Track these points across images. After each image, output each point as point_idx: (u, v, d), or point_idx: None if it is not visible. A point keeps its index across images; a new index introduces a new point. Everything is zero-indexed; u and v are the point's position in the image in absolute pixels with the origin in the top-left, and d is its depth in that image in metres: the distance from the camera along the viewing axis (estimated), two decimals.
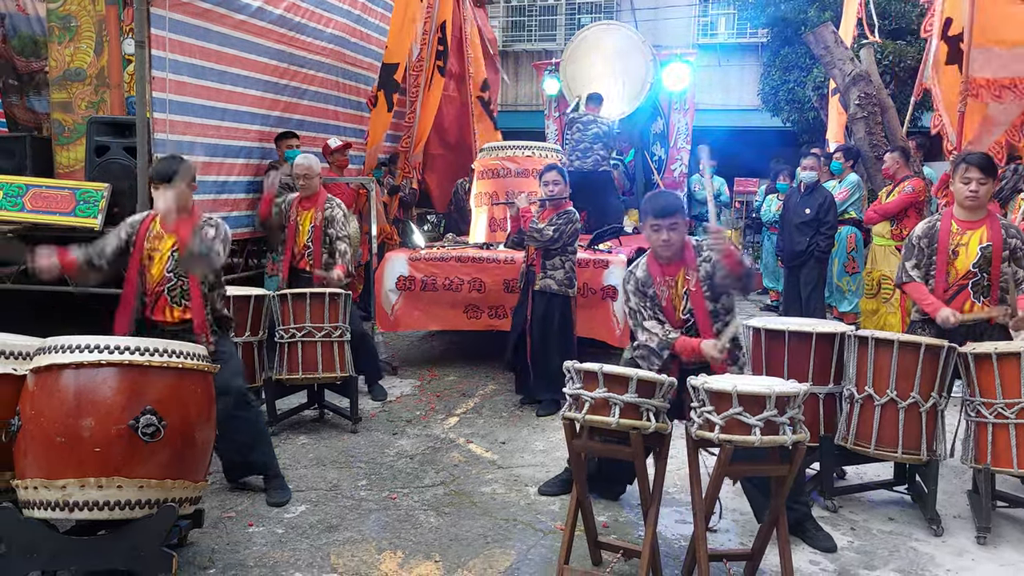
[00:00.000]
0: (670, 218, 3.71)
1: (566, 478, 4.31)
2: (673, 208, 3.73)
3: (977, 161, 4.30)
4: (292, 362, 5.34)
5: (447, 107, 10.71)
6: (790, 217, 7.90)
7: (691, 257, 3.76)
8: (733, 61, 16.96)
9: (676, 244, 3.74)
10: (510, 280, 6.56)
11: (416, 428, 5.57)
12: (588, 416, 3.14)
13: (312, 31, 7.86)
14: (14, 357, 3.49)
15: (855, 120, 8.66)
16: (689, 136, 11.15)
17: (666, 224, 3.70)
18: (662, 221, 3.71)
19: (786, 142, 15.07)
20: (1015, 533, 4.09)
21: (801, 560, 3.66)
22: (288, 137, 7.25)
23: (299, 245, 5.90)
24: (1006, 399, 3.94)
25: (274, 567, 3.56)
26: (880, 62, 9.94)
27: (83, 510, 3.11)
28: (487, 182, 7.81)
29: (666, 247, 3.74)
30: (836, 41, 8.95)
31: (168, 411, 3.23)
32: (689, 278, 3.74)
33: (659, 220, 3.71)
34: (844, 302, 8.42)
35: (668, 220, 3.70)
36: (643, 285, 3.82)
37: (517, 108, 17.56)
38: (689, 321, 3.75)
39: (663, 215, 3.71)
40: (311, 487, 4.48)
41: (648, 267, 3.84)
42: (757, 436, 2.99)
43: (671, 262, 3.79)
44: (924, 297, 4.39)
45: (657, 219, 3.72)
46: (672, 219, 3.71)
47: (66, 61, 6.07)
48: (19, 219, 5.67)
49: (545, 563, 3.63)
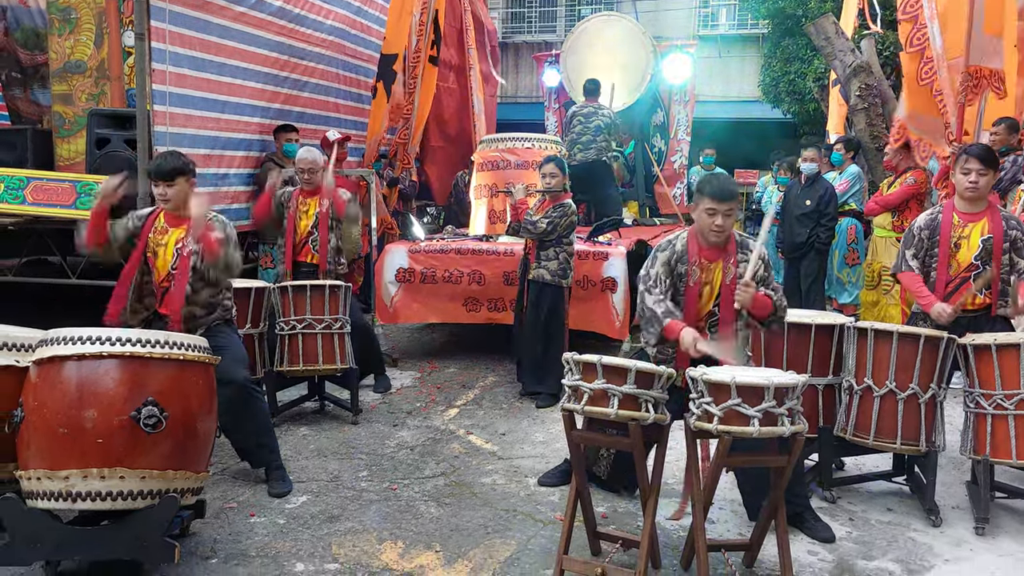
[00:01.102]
0: (728, 203, 3.54)
1: (566, 469, 4.33)
2: (733, 193, 3.58)
3: (977, 153, 4.30)
4: (293, 354, 5.36)
5: (447, 99, 10.68)
6: (791, 209, 7.91)
7: (733, 250, 3.64)
8: (734, 52, 16.95)
9: (727, 232, 3.60)
10: (510, 272, 6.57)
11: (416, 419, 5.59)
12: (587, 407, 3.15)
13: (312, 23, 7.86)
14: (16, 349, 3.51)
15: (856, 111, 8.66)
16: (689, 128, 11.15)
17: (723, 209, 3.53)
18: (719, 205, 3.52)
19: (787, 133, 15.06)
20: (1013, 524, 4.10)
21: (799, 550, 3.68)
22: (287, 130, 7.25)
23: (299, 236, 5.87)
24: (1005, 390, 3.96)
25: (276, 557, 3.58)
26: (881, 53, 9.91)
27: (86, 500, 3.13)
28: (487, 174, 7.82)
29: (718, 233, 3.56)
30: (837, 32, 8.94)
31: (170, 402, 3.25)
32: (727, 272, 3.61)
33: (716, 204, 3.52)
34: (844, 294, 8.42)
35: (726, 205, 3.53)
36: (677, 259, 3.65)
37: (517, 100, 17.55)
38: (714, 315, 3.65)
39: (723, 199, 3.52)
40: (312, 478, 4.50)
41: (688, 243, 3.67)
42: (755, 427, 3.00)
43: (714, 247, 3.64)
44: (919, 289, 4.36)
45: (715, 202, 3.52)
46: (730, 205, 3.55)
47: (66, 53, 6.07)
48: (20, 212, 5.69)
49: (545, 553, 3.65)
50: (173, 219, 4.12)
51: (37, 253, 6.27)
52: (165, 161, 4.09)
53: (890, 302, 7.39)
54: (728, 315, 3.61)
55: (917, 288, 4.38)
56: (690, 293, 3.64)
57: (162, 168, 4.05)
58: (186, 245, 4.06)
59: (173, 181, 4.03)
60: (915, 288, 4.39)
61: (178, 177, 4.04)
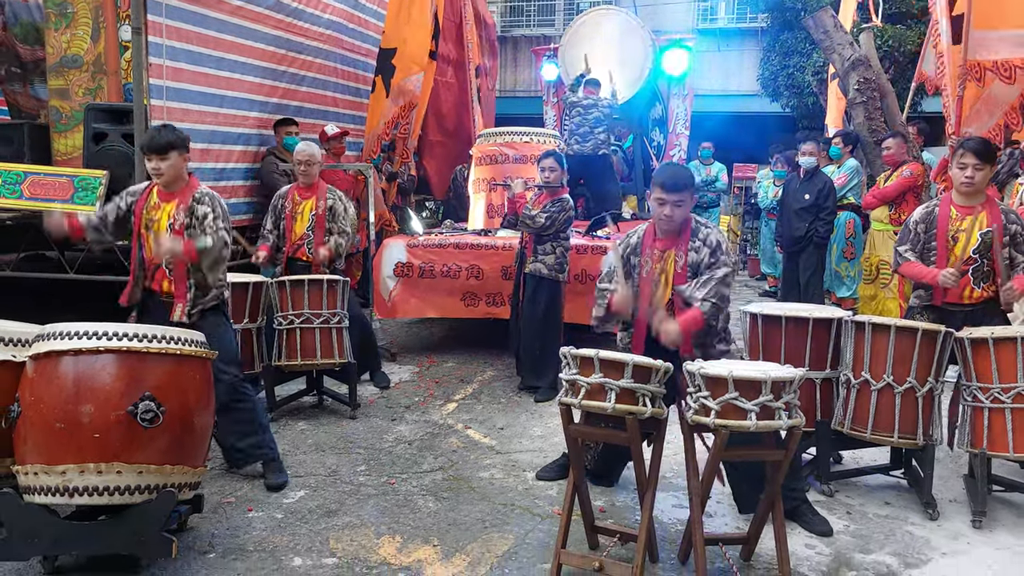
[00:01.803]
0: (677, 194, 3.63)
1: (563, 463, 4.33)
2: (682, 184, 3.64)
3: (973, 147, 4.30)
4: (291, 348, 5.35)
5: (445, 93, 10.67)
6: (789, 203, 7.90)
7: (687, 237, 3.71)
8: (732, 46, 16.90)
9: (676, 221, 3.68)
10: (508, 267, 6.56)
11: (415, 414, 5.59)
12: (584, 401, 3.15)
13: (309, 17, 7.84)
14: (13, 344, 3.50)
15: (854, 105, 8.64)
16: (688, 122, 11.13)
17: (671, 200, 3.63)
18: (667, 195, 3.63)
19: (785, 127, 15.04)
20: (1010, 517, 4.11)
21: (797, 544, 3.69)
22: (287, 124, 7.24)
23: (297, 234, 5.83)
24: (1002, 383, 3.95)
25: (273, 551, 3.58)
26: (880, 47, 9.92)
27: (83, 495, 3.13)
28: (485, 168, 7.81)
29: (666, 221, 3.69)
30: (835, 26, 8.91)
31: (167, 397, 3.25)
32: (678, 259, 3.70)
33: (665, 194, 3.64)
34: (843, 288, 8.43)
35: (675, 196, 3.63)
36: (630, 251, 3.80)
37: (515, 94, 17.50)
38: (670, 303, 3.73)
39: (670, 189, 3.63)
40: (310, 472, 4.50)
41: (644, 235, 3.80)
42: (753, 421, 3.00)
43: (667, 236, 3.75)
44: (921, 271, 4.37)
45: (663, 192, 3.64)
46: (679, 195, 3.63)
47: (63, 48, 6.06)
48: (18, 207, 5.68)
49: (542, 547, 3.65)
50: (166, 194, 4.07)
51: (34, 248, 6.26)
52: (159, 135, 4.02)
53: (888, 296, 7.39)
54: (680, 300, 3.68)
55: (919, 271, 4.38)
56: (644, 283, 3.73)
57: (155, 141, 3.99)
58: (176, 219, 4.02)
59: (166, 155, 3.97)
60: (917, 272, 4.39)
61: (171, 151, 3.97)
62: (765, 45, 15.56)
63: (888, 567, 3.56)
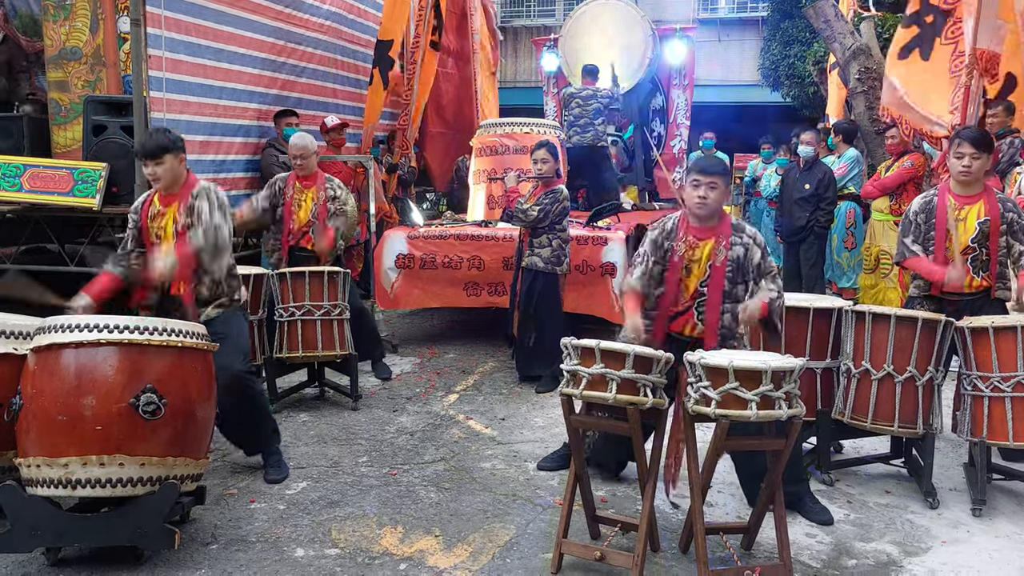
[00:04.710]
0: (711, 176, 3.61)
1: (565, 453, 4.34)
2: (717, 168, 3.67)
3: (970, 136, 4.30)
4: (292, 340, 5.36)
5: (446, 85, 10.63)
6: (789, 193, 7.89)
7: (727, 232, 3.68)
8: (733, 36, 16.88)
9: (711, 206, 3.63)
10: (508, 258, 6.55)
11: (416, 405, 5.60)
12: (585, 392, 3.16)
13: (309, 8, 7.82)
14: (14, 337, 3.51)
15: (855, 94, 8.62)
16: (688, 112, 11.12)
17: (705, 181, 3.60)
18: (702, 177, 3.61)
19: (786, 117, 15.01)
20: (1010, 505, 4.12)
21: (797, 533, 3.70)
22: (287, 115, 7.23)
23: (299, 224, 5.81)
24: (1002, 373, 3.96)
25: (276, 543, 3.60)
26: (880, 36, 9.86)
27: (85, 488, 3.15)
28: (486, 159, 7.79)
29: (701, 205, 3.63)
30: (836, 15, 8.89)
31: (168, 389, 3.26)
32: (718, 253, 3.66)
33: (699, 176, 3.62)
34: (843, 278, 8.41)
35: (708, 177, 3.61)
36: (665, 236, 3.74)
37: (516, 85, 17.48)
38: (702, 296, 3.68)
39: (705, 172, 3.63)
40: (312, 464, 4.51)
41: (679, 222, 3.76)
42: (753, 411, 3.00)
43: (703, 224, 3.69)
44: (927, 267, 4.37)
45: (698, 175, 3.63)
46: (712, 178, 3.61)
47: (62, 40, 6.04)
48: (17, 199, 5.69)
49: (544, 537, 3.66)
50: (167, 198, 4.03)
51: (35, 241, 6.26)
52: (150, 139, 3.98)
53: (888, 285, 7.39)
54: (715, 297, 3.66)
55: (925, 267, 4.38)
56: (674, 267, 3.71)
57: (147, 146, 3.94)
58: (179, 221, 3.97)
59: (161, 159, 3.90)
60: (923, 267, 4.39)
61: (164, 155, 3.90)
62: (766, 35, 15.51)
63: (888, 555, 3.57)
